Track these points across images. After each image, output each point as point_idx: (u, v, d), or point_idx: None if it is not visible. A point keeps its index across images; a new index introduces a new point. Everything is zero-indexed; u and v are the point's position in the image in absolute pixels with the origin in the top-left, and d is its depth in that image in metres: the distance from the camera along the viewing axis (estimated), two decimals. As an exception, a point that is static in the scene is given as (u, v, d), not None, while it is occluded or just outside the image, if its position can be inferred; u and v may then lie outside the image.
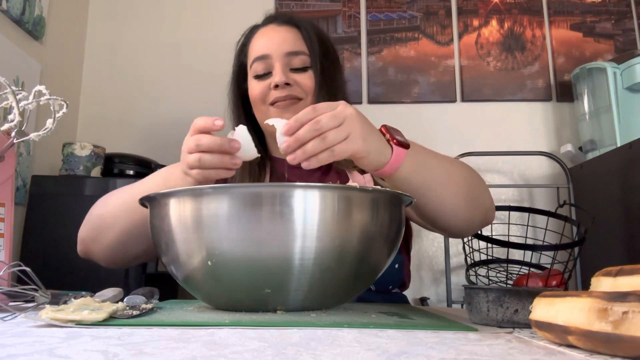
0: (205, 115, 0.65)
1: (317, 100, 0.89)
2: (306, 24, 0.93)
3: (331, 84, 0.92)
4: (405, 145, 0.66)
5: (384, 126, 0.67)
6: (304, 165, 0.59)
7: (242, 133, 0.63)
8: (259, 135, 0.96)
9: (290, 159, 0.59)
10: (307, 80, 0.88)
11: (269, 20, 0.95)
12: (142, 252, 0.82)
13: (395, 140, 0.65)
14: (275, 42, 0.88)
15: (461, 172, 0.76)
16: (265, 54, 0.88)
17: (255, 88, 0.89)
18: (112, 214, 0.79)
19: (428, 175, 0.69)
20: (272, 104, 0.87)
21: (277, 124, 0.62)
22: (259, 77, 0.89)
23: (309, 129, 0.58)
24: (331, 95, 0.90)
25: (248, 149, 0.63)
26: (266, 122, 0.64)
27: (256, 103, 0.90)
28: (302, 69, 0.88)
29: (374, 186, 0.56)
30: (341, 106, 0.61)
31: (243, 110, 0.95)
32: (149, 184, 0.78)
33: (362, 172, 0.91)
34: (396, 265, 0.89)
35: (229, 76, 0.98)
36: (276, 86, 0.85)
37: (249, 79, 0.92)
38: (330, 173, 0.94)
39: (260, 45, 0.90)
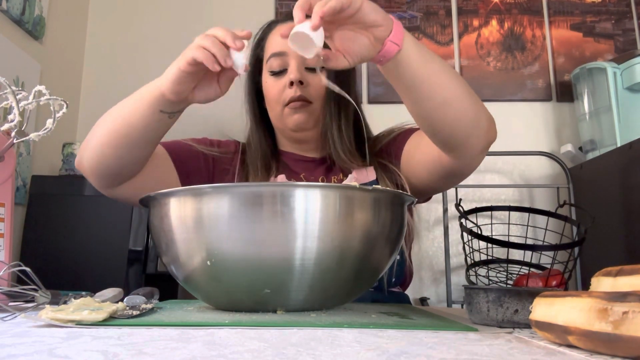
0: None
1: (328, 101, 0.91)
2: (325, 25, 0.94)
3: (344, 86, 0.93)
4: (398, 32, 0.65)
5: None
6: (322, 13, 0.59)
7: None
8: (270, 130, 0.98)
9: (314, 24, 0.60)
10: (318, 82, 0.90)
11: (288, 17, 0.96)
12: (121, 167, 0.79)
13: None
14: None
15: (453, 69, 0.74)
16: (282, 51, 0.90)
17: (272, 87, 0.91)
18: (105, 117, 0.79)
19: (427, 55, 0.68)
20: (286, 104, 0.89)
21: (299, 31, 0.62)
22: (274, 73, 0.91)
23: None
24: (341, 99, 0.91)
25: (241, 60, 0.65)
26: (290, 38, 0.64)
27: (270, 102, 0.92)
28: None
29: (375, 186, 0.56)
30: None
31: (257, 103, 0.97)
32: (151, 82, 0.78)
33: (364, 165, 0.92)
34: (397, 257, 0.89)
35: None
36: (291, 84, 0.87)
37: (263, 74, 0.94)
38: (335, 169, 0.95)
39: (278, 41, 0.91)
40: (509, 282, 0.82)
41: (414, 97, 0.70)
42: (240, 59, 0.65)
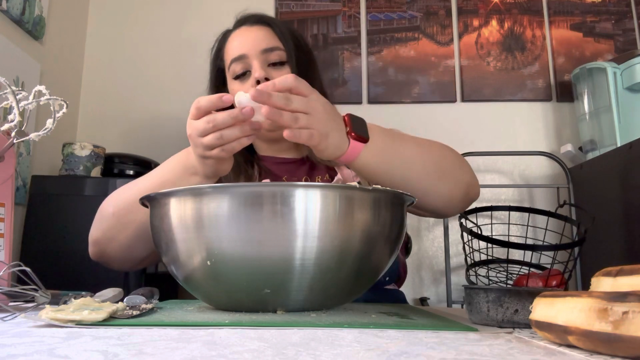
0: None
1: None
2: (277, 21, 0.96)
3: (307, 77, 0.94)
4: (363, 139, 0.68)
5: (348, 115, 0.69)
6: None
7: (245, 99, 0.63)
8: None
9: (265, 111, 0.61)
10: (285, 74, 0.89)
11: (240, 22, 0.96)
12: (149, 254, 0.82)
13: (353, 134, 0.67)
14: (250, 41, 0.90)
15: (431, 152, 0.78)
16: (242, 54, 0.90)
17: (238, 91, 0.90)
18: (129, 209, 0.77)
19: (390, 161, 0.71)
20: None
21: (242, 97, 0.63)
22: (238, 77, 0.90)
23: (282, 97, 0.61)
24: None
25: (259, 111, 0.63)
26: (235, 97, 0.65)
27: None
28: (280, 64, 0.90)
29: (375, 186, 0.56)
30: (314, 94, 0.64)
31: None
32: (167, 176, 0.77)
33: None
34: None
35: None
36: (257, 82, 0.87)
37: (228, 81, 0.94)
38: (318, 168, 0.95)
39: (235, 46, 0.92)
40: (509, 282, 0.82)
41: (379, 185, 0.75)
42: (244, 97, 0.63)
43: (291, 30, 0.96)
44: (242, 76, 0.90)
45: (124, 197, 0.81)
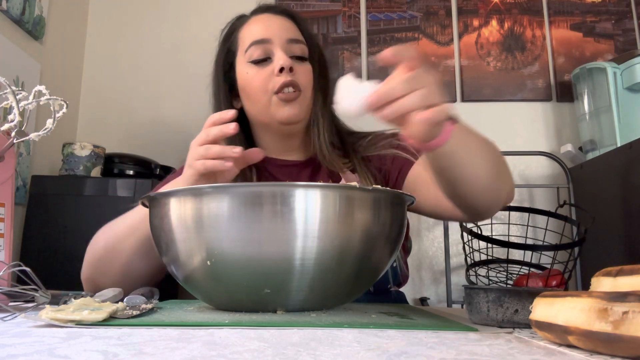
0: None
1: (313, 95, 0.89)
2: (302, 18, 0.94)
3: (324, 79, 0.93)
4: (454, 119, 0.62)
5: None
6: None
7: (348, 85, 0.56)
8: (246, 130, 0.92)
9: (388, 113, 0.53)
10: (306, 71, 0.88)
11: (263, 9, 0.93)
12: (152, 268, 0.79)
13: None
14: (275, 28, 0.87)
15: (492, 146, 0.73)
16: (265, 39, 0.86)
17: (254, 77, 0.85)
18: (118, 237, 0.77)
19: (468, 146, 0.66)
20: (277, 92, 0.83)
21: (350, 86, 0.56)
22: (256, 62, 0.86)
23: (403, 86, 0.52)
24: (325, 91, 0.90)
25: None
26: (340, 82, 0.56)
27: (256, 93, 0.86)
28: (302, 59, 0.88)
29: (375, 186, 0.56)
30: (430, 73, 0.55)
31: (229, 102, 0.93)
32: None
33: (353, 171, 0.89)
34: (394, 264, 0.88)
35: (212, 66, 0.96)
36: (281, 70, 0.83)
37: (241, 65, 0.88)
38: (321, 172, 0.91)
39: (258, 30, 0.87)
40: (509, 282, 0.82)
41: (446, 179, 0.68)
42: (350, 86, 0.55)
43: (311, 31, 0.94)
44: (262, 62, 0.85)
45: (112, 228, 0.80)
